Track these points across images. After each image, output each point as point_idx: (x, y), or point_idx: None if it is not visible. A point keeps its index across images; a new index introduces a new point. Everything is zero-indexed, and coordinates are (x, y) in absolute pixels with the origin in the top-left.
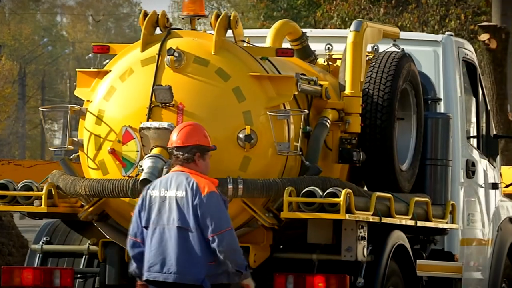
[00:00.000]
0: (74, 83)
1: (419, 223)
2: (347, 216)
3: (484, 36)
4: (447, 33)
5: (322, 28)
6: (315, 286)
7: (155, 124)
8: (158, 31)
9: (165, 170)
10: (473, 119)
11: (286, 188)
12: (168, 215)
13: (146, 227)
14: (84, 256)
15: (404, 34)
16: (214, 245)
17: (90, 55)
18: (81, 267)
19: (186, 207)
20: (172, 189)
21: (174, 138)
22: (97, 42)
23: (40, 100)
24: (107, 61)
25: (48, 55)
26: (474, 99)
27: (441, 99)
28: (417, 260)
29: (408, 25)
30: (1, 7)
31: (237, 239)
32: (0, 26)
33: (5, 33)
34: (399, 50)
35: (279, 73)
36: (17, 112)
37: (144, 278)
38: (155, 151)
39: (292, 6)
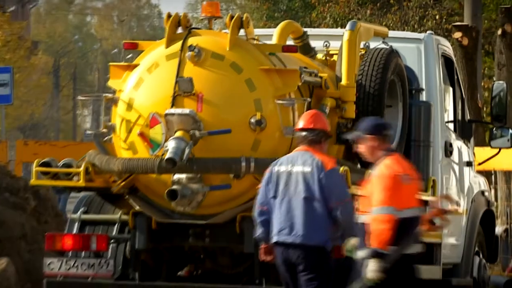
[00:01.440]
0: (107, 76)
1: None
2: None
3: (457, 34)
4: (428, 32)
5: (317, 27)
6: None
7: (178, 110)
8: (179, 30)
9: (187, 150)
10: (450, 106)
11: None
12: (295, 187)
13: (275, 197)
14: (116, 224)
15: (391, 33)
16: (336, 213)
17: (115, 50)
18: (114, 233)
19: (312, 180)
20: (298, 165)
21: (304, 122)
22: (122, 39)
23: (72, 89)
24: (131, 55)
25: (78, 50)
26: (451, 88)
27: (423, 89)
28: None
29: (391, 25)
30: (37, 8)
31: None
32: (37, 25)
33: (41, 31)
34: (387, 47)
35: (285, 66)
36: (52, 100)
37: (273, 241)
38: (178, 134)
39: (290, 8)
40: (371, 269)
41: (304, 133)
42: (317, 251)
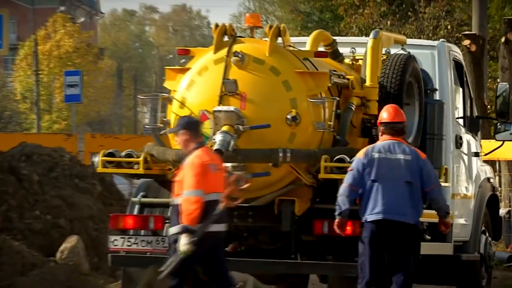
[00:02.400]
0: (163, 78)
1: None
2: None
3: (466, 42)
4: (441, 39)
5: (344, 36)
6: (344, 230)
7: (224, 108)
8: (225, 38)
9: (232, 142)
10: (460, 104)
11: (323, 156)
12: (397, 172)
13: (374, 181)
14: (171, 207)
15: (409, 41)
16: (433, 194)
17: (170, 56)
18: (169, 214)
19: (413, 167)
20: (397, 153)
21: (391, 115)
22: (176, 46)
23: (133, 90)
24: (183, 60)
25: (138, 56)
26: (461, 89)
27: (437, 89)
28: None
29: (409, 34)
30: (103, 19)
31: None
32: (103, 34)
33: (107, 39)
34: (405, 53)
35: (317, 69)
36: (115, 99)
37: (372, 219)
38: (225, 128)
39: (321, 19)
40: (183, 243)
41: (391, 125)
42: (414, 229)
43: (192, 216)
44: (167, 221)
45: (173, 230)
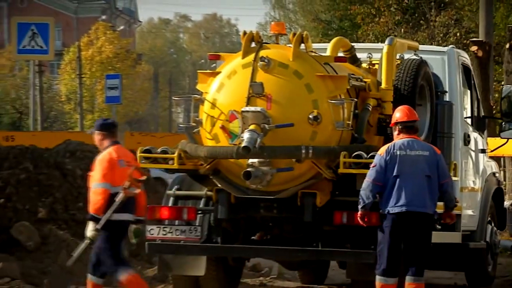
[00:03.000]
0: (195, 81)
1: None
2: None
3: (474, 48)
4: (450, 46)
5: (362, 42)
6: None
7: (252, 108)
8: (253, 44)
9: (259, 140)
10: (468, 105)
11: (342, 152)
12: (418, 167)
13: (396, 176)
14: (203, 199)
15: (421, 47)
16: (445, 187)
17: (202, 61)
18: (201, 206)
19: (431, 162)
20: (418, 149)
21: (406, 115)
22: (207, 52)
23: (168, 92)
24: (214, 65)
25: (173, 61)
26: (468, 91)
27: (447, 92)
28: None
29: (421, 40)
30: (141, 27)
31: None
32: (141, 41)
33: (144, 45)
34: (418, 58)
35: (336, 73)
36: (152, 100)
37: (392, 211)
38: (252, 127)
39: (341, 27)
40: (89, 229)
41: (406, 124)
42: (431, 218)
43: (97, 206)
44: (199, 212)
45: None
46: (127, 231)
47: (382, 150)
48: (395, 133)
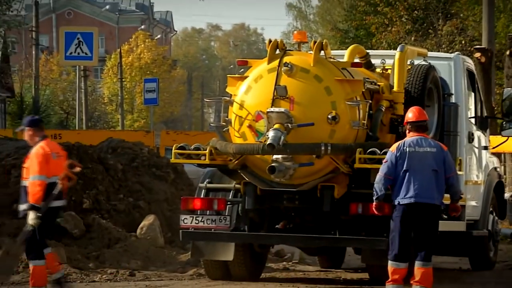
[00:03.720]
0: (225, 84)
1: None
2: None
3: (477, 54)
4: (456, 52)
5: (376, 49)
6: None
7: (276, 109)
8: (277, 51)
9: (282, 138)
10: (472, 106)
11: (357, 149)
12: (425, 162)
13: (406, 171)
14: (231, 191)
15: (430, 54)
16: (451, 181)
17: (231, 66)
18: (230, 197)
19: (438, 158)
20: (426, 146)
21: (416, 115)
22: (236, 58)
23: (200, 94)
24: (242, 70)
25: (205, 66)
26: (472, 93)
27: (453, 94)
28: None
29: (429, 47)
30: (176, 36)
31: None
32: (176, 48)
33: (179, 52)
34: (426, 64)
35: (353, 77)
36: (186, 102)
37: (405, 202)
38: (276, 126)
39: (357, 36)
40: (30, 217)
41: (416, 123)
42: (438, 209)
43: (37, 196)
44: (228, 203)
45: (22, 207)
46: (58, 215)
47: (394, 147)
48: (407, 131)
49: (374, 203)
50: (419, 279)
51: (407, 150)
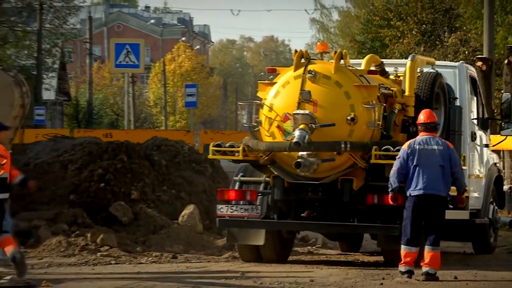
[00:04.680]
0: (256, 89)
1: None
2: None
3: (479, 63)
4: (460, 61)
5: (389, 59)
6: (390, 201)
7: (301, 111)
8: (302, 60)
9: (307, 136)
10: (474, 108)
11: (373, 146)
12: (433, 158)
13: (416, 166)
14: (262, 183)
15: (437, 62)
16: (457, 175)
17: (262, 73)
18: (260, 189)
19: (444, 155)
20: (433, 145)
21: (426, 117)
22: (265, 66)
23: (234, 98)
24: (271, 76)
25: (239, 73)
26: (475, 97)
27: (457, 98)
28: None
29: (436, 57)
30: (213, 46)
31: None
32: (213, 57)
33: (216, 61)
34: (434, 71)
35: (369, 83)
36: (222, 104)
37: (414, 194)
38: (301, 126)
39: (372, 47)
40: None
41: (426, 125)
42: (444, 200)
43: None
44: (259, 194)
45: None
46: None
47: (405, 145)
48: (419, 131)
49: (390, 195)
50: (428, 262)
51: (417, 147)
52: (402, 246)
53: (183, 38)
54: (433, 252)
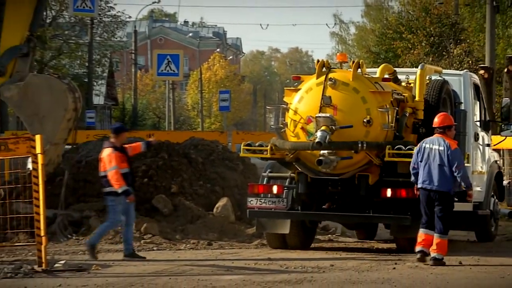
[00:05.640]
0: (283, 95)
1: None
2: None
3: (481, 72)
4: (465, 70)
5: (401, 68)
6: (401, 194)
7: (323, 114)
8: (324, 69)
9: (328, 137)
10: (477, 112)
11: (387, 146)
12: (433, 157)
13: (421, 161)
14: (287, 179)
15: (444, 71)
16: (456, 174)
17: (288, 80)
18: (286, 184)
19: (443, 154)
20: (436, 145)
21: (440, 122)
22: (291, 74)
23: (263, 103)
24: (296, 83)
25: (267, 81)
26: (478, 102)
27: (462, 103)
28: None
29: (443, 66)
30: (245, 57)
31: (468, 171)
32: (244, 67)
33: (246, 70)
34: (441, 79)
35: (383, 90)
36: (252, 109)
37: (419, 186)
38: (323, 128)
39: (386, 57)
40: None
41: (439, 129)
42: (445, 194)
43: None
44: (285, 188)
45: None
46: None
47: (418, 144)
48: (434, 132)
49: (415, 186)
50: (435, 248)
51: (424, 146)
52: (420, 230)
53: (218, 49)
54: (440, 239)
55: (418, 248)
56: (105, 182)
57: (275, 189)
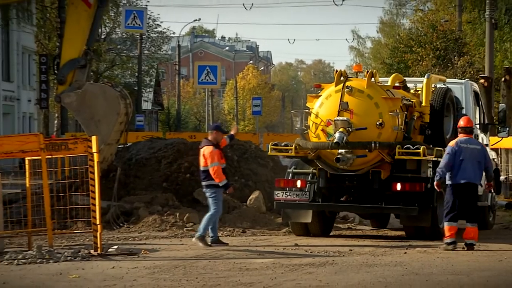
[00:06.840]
0: (306, 101)
1: None
2: (423, 157)
3: (482, 80)
4: (466, 79)
5: (411, 77)
6: (410, 188)
7: (340, 118)
8: (342, 78)
9: (345, 138)
10: (477, 116)
11: (397, 145)
12: (474, 155)
13: (461, 160)
14: (310, 174)
15: (448, 80)
16: (488, 168)
17: (312, 88)
18: (309, 179)
19: (481, 152)
20: (473, 144)
21: (466, 123)
22: (314, 82)
23: (290, 108)
24: (318, 91)
25: (294, 89)
26: (477, 107)
27: (464, 108)
28: None
29: (447, 76)
30: (275, 68)
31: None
32: (274, 76)
33: (276, 79)
34: (445, 87)
35: (394, 96)
36: (280, 113)
37: (453, 182)
38: (340, 129)
39: (398, 68)
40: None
41: (465, 128)
42: (477, 187)
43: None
44: (308, 182)
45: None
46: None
47: (452, 143)
48: (459, 133)
49: (435, 182)
50: (472, 235)
51: (462, 146)
52: (446, 223)
53: (251, 61)
54: (475, 228)
55: (449, 239)
56: (206, 175)
57: (298, 183)
